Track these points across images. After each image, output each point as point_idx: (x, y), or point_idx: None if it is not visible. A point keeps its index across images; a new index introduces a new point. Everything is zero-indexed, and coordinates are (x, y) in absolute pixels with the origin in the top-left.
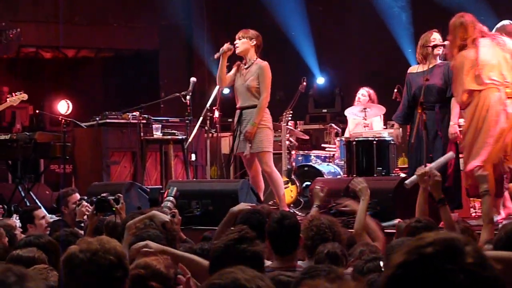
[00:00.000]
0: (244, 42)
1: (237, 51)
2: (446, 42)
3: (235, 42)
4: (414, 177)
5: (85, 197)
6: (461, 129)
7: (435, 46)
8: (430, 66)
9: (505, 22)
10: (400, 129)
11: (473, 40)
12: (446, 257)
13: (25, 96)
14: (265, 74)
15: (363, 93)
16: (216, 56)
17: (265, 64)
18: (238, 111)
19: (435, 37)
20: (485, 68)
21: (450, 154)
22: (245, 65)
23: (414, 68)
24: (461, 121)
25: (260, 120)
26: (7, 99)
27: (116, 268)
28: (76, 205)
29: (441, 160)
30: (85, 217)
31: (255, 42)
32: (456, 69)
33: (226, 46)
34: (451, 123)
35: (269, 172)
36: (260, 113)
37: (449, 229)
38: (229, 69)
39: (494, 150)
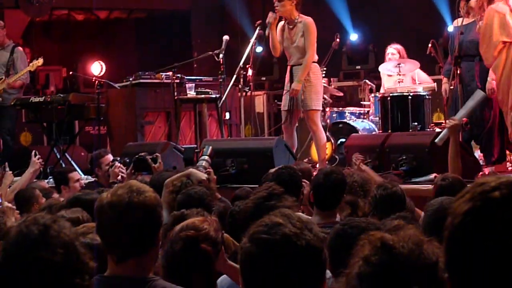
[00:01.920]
0: (285, 4)
1: (280, 14)
2: None
3: (275, 6)
4: (444, 132)
5: (118, 158)
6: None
7: None
8: (471, 20)
9: None
10: (447, 83)
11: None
12: None
13: (40, 62)
14: (310, 31)
15: (392, 51)
16: (260, 23)
17: (310, 20)
18: (289, 68)
19: None
20: None
21: (478, 94)
22: (289, 24)
23: (457, 22)
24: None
25: (304, 77)
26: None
27: (147, 224)
28: (109, 166)
29: (470, 103)
30: (119, 177)
31: (295, 1)
32: (486, 25)
33: (271, 16)
34: (488, 78)
35: (315, 130)
36: (305, 70)
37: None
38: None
39: None
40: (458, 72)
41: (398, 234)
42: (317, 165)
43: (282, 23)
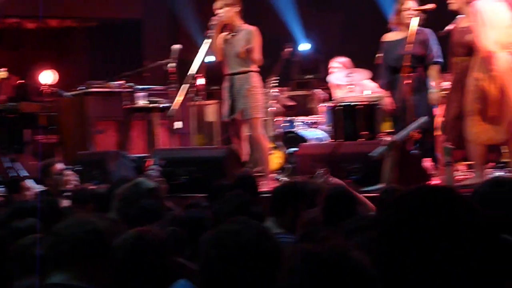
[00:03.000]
0: (227, 10)
1: (223, 21)
2: (430, 6)
3: (216, 12)
4: (382, 147)
5: (70, 167)
6: (444, 92)
7: (418, 10)
8: (406, 33)
9: None
10: (387, 96)
11: None
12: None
13: (4, 75)
14: (256, 38)
15: (336, 65)
16: (208, 34)
17: (254, 28)
18: (228, 77)
19: (409, 5)
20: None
21: (419, 121)
22: (231, 32)
23: (389, 36)
24: (445, 84)
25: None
26: None
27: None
28: (59, 175)
29: (411, 126)
30: (71, 186)
31: (238, 8)
32: (475, 16)
33: (215, 19)
34: (433, 91)
35: (259, 139)
36: (260, 78)
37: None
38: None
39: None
40: (405, 82)
41: (324, 244)
42: (264, 173)
43: (225, 33)
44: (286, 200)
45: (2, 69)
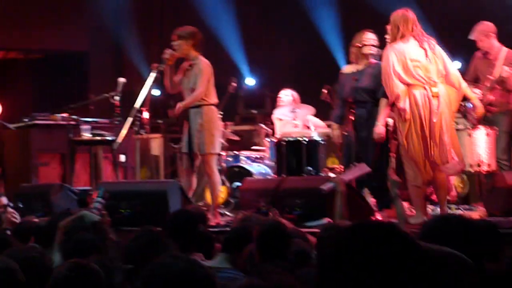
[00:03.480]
0: (181, 44)
1: (177, 54)
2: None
3: (172, 43)
4: (330, 183)
5: (11, 204)
6: (389, 128)
7: (364, 45)
8: (363, 66)
9: (487, 23)
10: (338, 130)
11: (411, 36)
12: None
13: None
14: (203, 71)
15: (286, 93)
16: (161, 68)
17: (205, 61)
18: (186, 111)
19: (369, 36)
20: (415, 65)
21: (364, 167)
22: (189, 65)
23: (347, 69)
24: (389, 121)
25: (187, 105)
26: None
27: None
28: (2, 212)
29: (355, 172)
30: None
31: (191, 42)
32: (385, 59)
33: (167, 53)
34: (377, 123)
35: (210, 174)
36: (190, 101)
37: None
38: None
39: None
40: (352, 118)
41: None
42: (209, 210)
43: (184, 65)
44: (243, 239)
45: None
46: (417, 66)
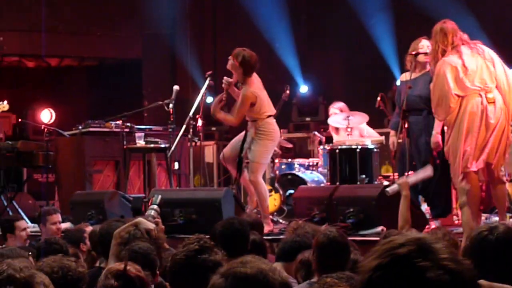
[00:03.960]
0: (231, 63)
1: (229, 68)
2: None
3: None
4: (395, 185)
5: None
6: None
7: (417, 54)
8: (418, 74)
9: None
10: (395, 137)
11: (454, 46)
12: (420, 255)
13: (5, 107)
14: (242, 99)
15: (335, 111)
16: (210, 73)
17: (248, 91)
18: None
19: (423, 44)
20: (468, 74)
21: (428, 170)
22: (238, 83)
23: (404, 76)
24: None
25: (221, 116)
26: None
27: None
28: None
29: (420, 175)
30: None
31: (240, 60)
32: (438, 76)
33: (224, 81)
34: (433, 132)
35: (254, 183)
36: (225, 121)
37: (402, 221)
38: None
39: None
40: (406, 126)
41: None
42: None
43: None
44: (297, 248)
45: (3, 102)
46: (469, 74)
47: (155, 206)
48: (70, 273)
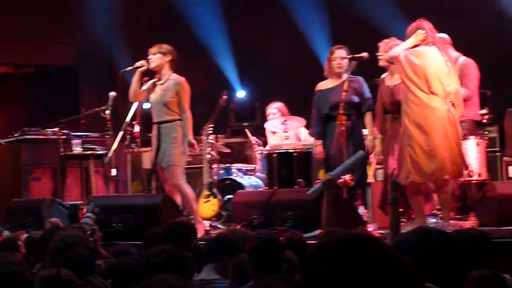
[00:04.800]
0: (158, 58)
1: (151, 66)
2: (364, 54)
3: (148, 58)
4: (317, 185)
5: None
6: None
7: (353, 58)
8: (341, 80)
9: (443, 35)
10: (321, 145)
11: (428, 42)
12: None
13: None
14: (186, 89)
15: (273, 111)
16: (127, 69)
17: (183, 79)
18: (155, 126)
19: (339, 54)
20: (436, 72)
21: (358, 153)
22: (159, 80)
23: (323, 85)
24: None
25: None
26: None
27: None
28: None
29: (346, 163)
30: None
31: (170, 57)
32: (423, 63)
33: (141, 62)
34: (369, 137)
35: (178, 186)
36: (190, 127)
37: (392, 229)
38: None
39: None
40: (343, 129)
41: None
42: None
43: (153, 81)
44: (223, 248)
45: None
46: (438, 75)
47: (90, 214)
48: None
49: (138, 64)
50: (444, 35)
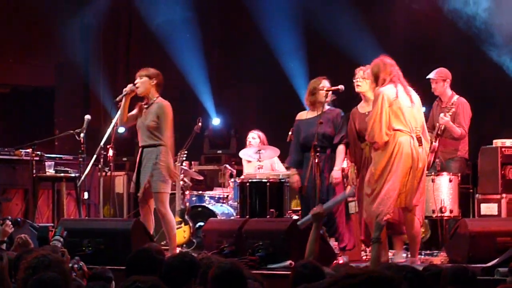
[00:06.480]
0: (144, 82)
1: (138, 92)
2: (340, 87)
3: (135, 82)
4: (307, 217)
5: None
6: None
7: (329, 90)
8: (319, 112)
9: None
10: (297, 174)
11: (392, 79)
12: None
13: None
14: (166, 113)
15: (253, 136)
16: (118, 98)
17: (166, 103)
18: (139, 149)
19: (325, 84)
20: (402, 112)
21: (345, 193)
22: (146, 104)
23: (302, 115)
24: (344, 164)
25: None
26: None
27: None
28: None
29: (337, 198)
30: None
31: (155, 81)
32: (375, 102)
33: (129, 87)
34: (335, 168)
35: (163, 213)
36: (169, 153)
37: (308, 252)
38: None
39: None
40: (316, 161)
41: None
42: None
43: (140, 104)
44: (185, 272)
45: None
46: (407, 111)
47: (58, 237)
48: None
49: (127, 89)
50: (447, 71)
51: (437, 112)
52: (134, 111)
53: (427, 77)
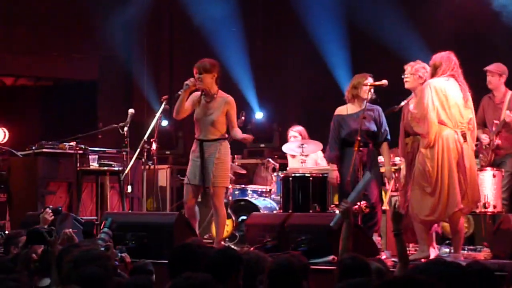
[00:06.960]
0: (206, 77)
1: (198, 86)
2: (384, 82)
3: (196, 77)
4: (337, 217)
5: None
6: (396, 167)
7: (373, 85)
8: (360, 108)
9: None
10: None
11: (451, 75)
12: None
13: None
14: (235, 109)
15: (294, 134)
16: (180, 92)
17: (231, 99)
18: (197, 142)
19: (369, 81)
20: (450, 106)
21: (364, 180)
22: (206, 97)
23: (343, 110)
24: (397, 159)
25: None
26: None
27: None
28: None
29: (359, 187)
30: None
31: (216, 75)
32: (424, 94)
33: (191, 81)
34: (387, 167)
35: (218, 207)
36: (229, 147)
37: (401, 260)
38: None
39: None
40: (360, 156)
41: None
42: (214, 243)
43: (198, 94)
44: (228, 266)
45: None
46: (454, 106)
47: (107, 229)
48: None
49: (189, 84)
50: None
51: (488, 108)
52: (190, 102)
53: (484, 68)
